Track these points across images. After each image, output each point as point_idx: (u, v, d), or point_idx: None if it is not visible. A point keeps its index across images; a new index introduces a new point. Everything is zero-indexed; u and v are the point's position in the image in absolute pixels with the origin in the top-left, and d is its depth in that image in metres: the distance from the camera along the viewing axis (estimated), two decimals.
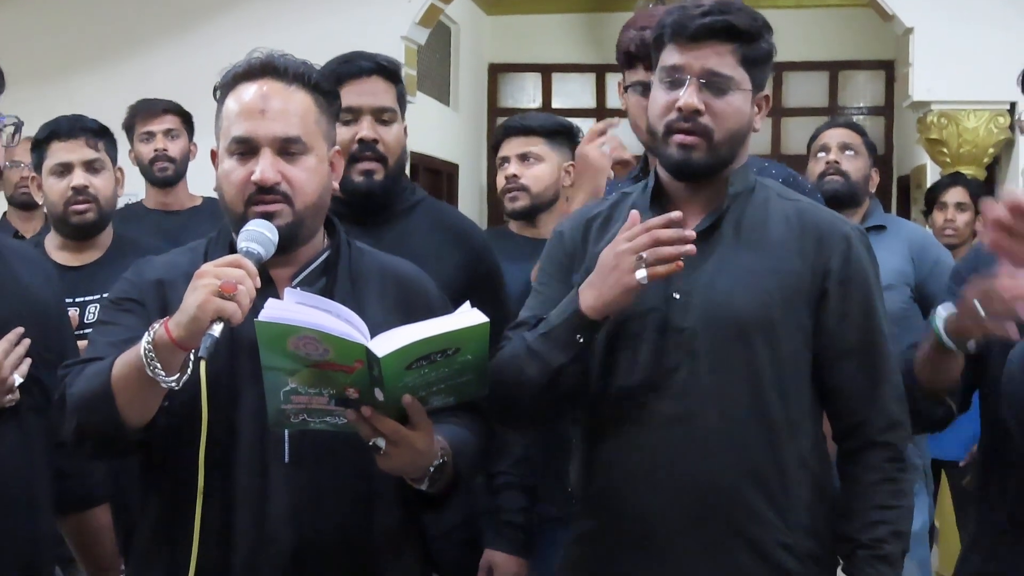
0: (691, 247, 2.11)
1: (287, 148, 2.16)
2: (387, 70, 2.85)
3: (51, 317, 2.40)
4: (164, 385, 1.99)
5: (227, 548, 2.09)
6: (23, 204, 5.19)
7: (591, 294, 2.16)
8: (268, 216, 2.13)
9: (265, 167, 2.13)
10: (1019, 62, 6.25)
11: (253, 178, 2.13)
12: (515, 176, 3.60)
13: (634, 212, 2.19)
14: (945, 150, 6.63)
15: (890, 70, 9.63)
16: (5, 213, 5.35)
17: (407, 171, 3.09)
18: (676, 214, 2.14)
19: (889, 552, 2.19)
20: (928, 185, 6.93)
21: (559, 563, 2.46)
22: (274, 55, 2.22)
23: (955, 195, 5.26)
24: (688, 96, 2.21)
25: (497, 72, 10.71)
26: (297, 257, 2.23)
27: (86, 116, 3.50)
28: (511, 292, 3.00)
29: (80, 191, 3.30)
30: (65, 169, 3.32)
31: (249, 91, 2.18)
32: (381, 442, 2.00)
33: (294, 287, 2.18)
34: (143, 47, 7.06)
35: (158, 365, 1.98)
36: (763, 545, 2.20)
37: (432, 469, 2.10)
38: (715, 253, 2.24)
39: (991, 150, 6.58)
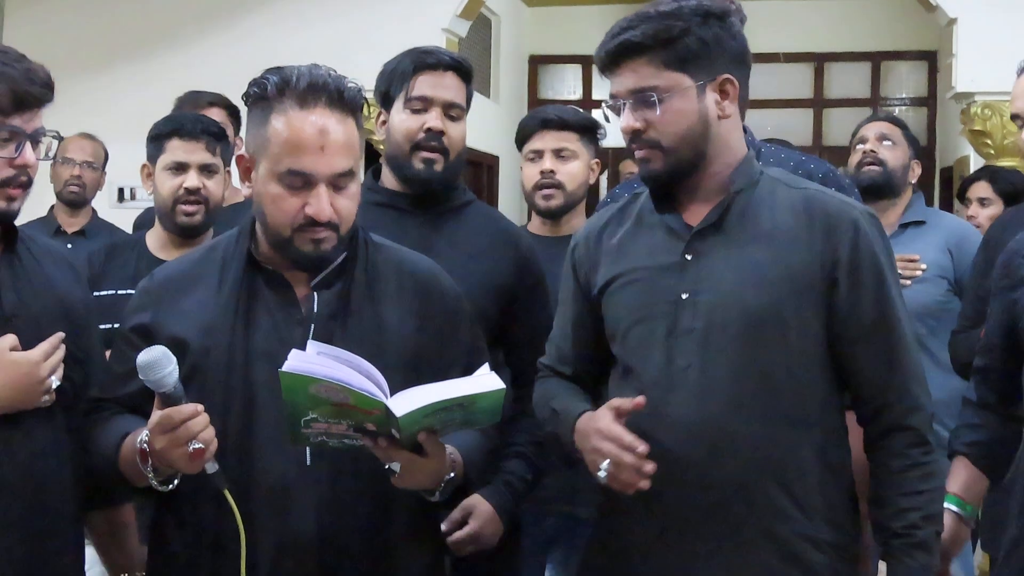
0: (645, 483, 2.17)
1: (339, 181, 2.18)
2: (463, 68, 2.90)
3: (79, 316, 2.43)
4: (160, 489, 2.15)
5: (251, 549, 2.12)
6: (71, 202, 5.25)
7: (576, 438, 2.30)
8: (317, 242, 2.17)
9: (323, 206, 2.16)
10: None
11: (309, 212, 2.16)
12: (551, 171, 3.56)
13: (616, 403, 2.22)
14: (989, 141, 6.58)
15: (933, 61, 9.56)
16: (52, 207, 5.41)
17: None
18: (640, 447, 2.17)
19: (923, 538, 2.20)
20: None
21: (580, 561, 2.50)
22: (328, 77, 2.19)
23: (978, 190, 5.20)
24: (624, 120, 2.27)
25: (538, 64, 10.71)
26: None
27: (208, 118, 3.55)
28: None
29: (193, 192, 3.34)
30: (181, 168, 3.35)
31: (305, 122, 2.16)
32: (396, 466, 2.08)
33: (312, 289, 2.24)
34: (183, 41, 7.11)
35: (151, 473, 2.12)
36: (785, 539, 2.20)
37: (443, 484, 2.18)
38: (721, 250, 2.25)
39: None
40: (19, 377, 2.22)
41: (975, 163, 6.93)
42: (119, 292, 3.29)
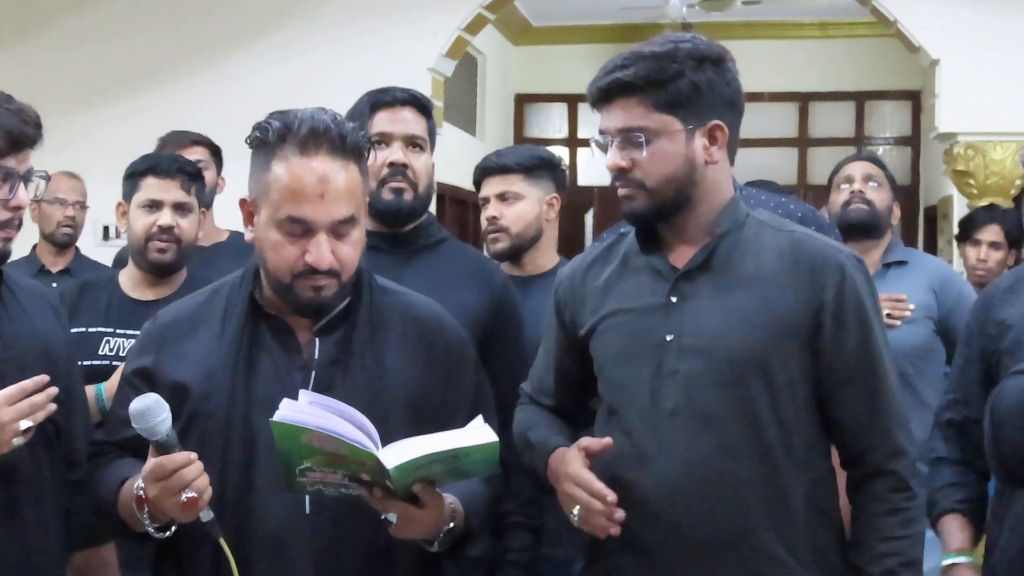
0: (615, 529, 2.18)
1: (339, 228, 2.16)
2: (419, 102, 2.90)
3: (60, 357, 2.43)
4: (156, 536, 2.13)
5: None
6: (64, 243, 5.24)
7: (548, 474, 2.32)
8: (317, 289, 2.16)
9: (323, 254, 2.13)
10: None
11: (308, 259, 2.14)
12: (495, 217, 3.54)
13: (584, 443, 2.23)
14: (972, 181, 6.61)
15: (917, 100, 9.63)
16: (35, 246, 5.39)
17: (433, 204, 3.11)
18: (609, 496, 2.17)
19: None
20: (955, 216, 6.92)
21: None
22: (331, 123, 2.16)
23: (990, 233, 5.21)
24: (610, 158, 2.27)
25: (523, 102, 10.76)
26: None
27: (185, 158, 3.57)
28: None
29: (165, 230, 3.34)
30: (155, 206, 3.35)
31: (306, 169, 2.13)
32: (393, 517, 2.06)
33: (314, 335, 2.23)
34: (170, 79, 7.11)
35: (147, 520, 2.10)
36: None
37: (441, 534, 2.15)
38: (706, 292, 2.24)
39: (1018, 181, 6.55)
40: None
41: (959, 202, 6.96)
42: (89, 330, 3.31)
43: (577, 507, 2.18)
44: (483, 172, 3.63)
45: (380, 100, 2.86)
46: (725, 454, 2.18)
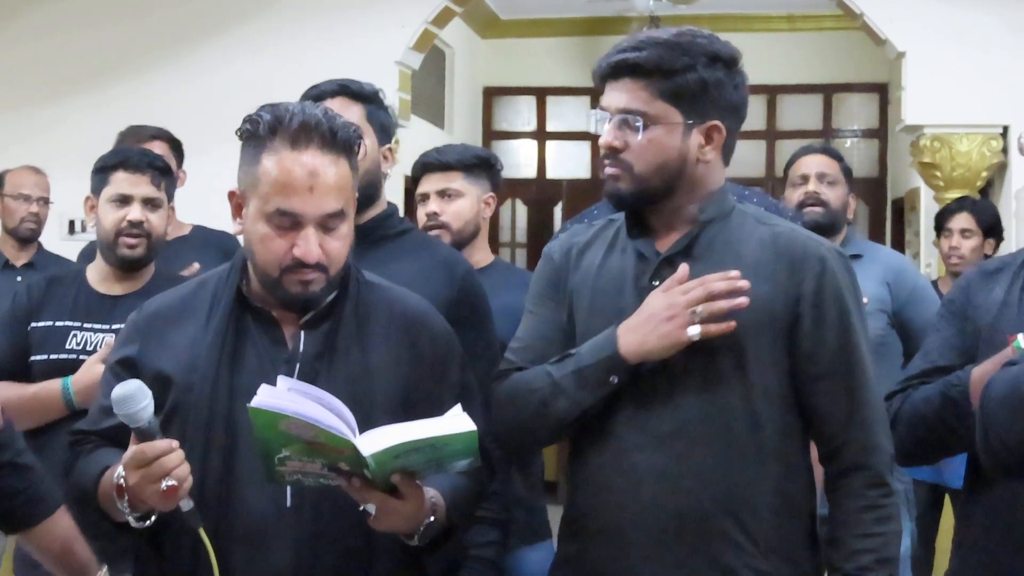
0: (744, 300, 2.13)
1: (328, 222, 2.16)
2: (349, 91, 2.90)
3: None
4: (136, 526, 2.12)
5: None
6: (28, 238, 5.25)
7: (633, 339, 2.19)
8: (305, 283, 2.16)
9: (311, 247, 2.14)
10: (1011, 86, 6.32)
11: (296, 253, 2.14)
12: (435, 213, 3.54)
13: (684, 266, 2.20)
14: (938, 173, 6.63)
15: (884, 93, 9.66)
16: None
17: (401, 196, 3.08)
18: (734, 273, 2.15)
19: None
20: (922, 208, 6.95)
21: None
22: (322, 117, 2.17)
23: (960, 221, 5.25)
24: (605, 136, 2.26)
25: (492, 95, 10.73)
26: None
27: (154, 152, 3.55)
28: None
29: (135, 225, 3.33)
30: (124, 200, 3.34)
31: (295, 163, 2.13)
32: (371, 508, 2.05)
33: (300, 328, 2.22)
34: (135, 72, 7.06)
35: (127, 509, 2.09)
36: (735, 571, 2.19)
37: (422, 528, 2.14)
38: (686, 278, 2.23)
39: (984, 173, 6.58)
40: None
41: (925, 194, 6.99)
42: (56, 324, 3.29)
43: (695, 317, 2.16)
44: (424, 168, 3.62)
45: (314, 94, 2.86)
46: (692, 440, 2.19)
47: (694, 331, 2.15)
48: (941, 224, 5.42)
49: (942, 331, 2.55)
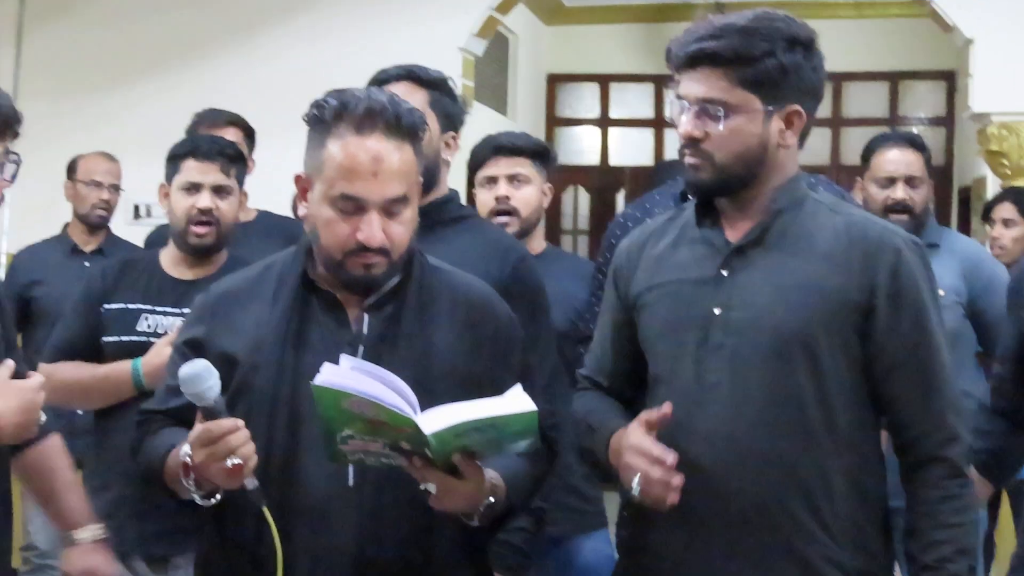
0: (674, 498, 2.16)
1: (391, 207, 2.19)
2: (416, 76, 2.91)
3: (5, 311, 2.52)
4: (202, 503, 2.15)
5: (289, 567, 2.12)
6: (98, 224, 5.31)
7: (610, 455, 2.30)
8: (368, 267, 2.19)
9: (375, 231, 2.17)
10: None
11: (360, 237, 2.17)
12: (506, 197, 3.52)
13: (644, 416, 2.23)
14: (1005, 162, 6.55)
15: (951, 80, 9.55)
16: (66, 225, 5.44)
17: (461, 181, 3.08)
18: (669, 458, 2.17)
19: (954, 572, 2.17)
20: (988, 197, 6.87)
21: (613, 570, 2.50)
22: (388, 102, 2.20)
23: (1003, 211, 5.18)
24: (684, 125, 2.24)
25: (555, 82, 10.72)
26: None
27: (224, 139, 3.59)
28: None
29: (205, 212, 3.37)
30: (194, 188, 3.38)
31: (360, 148, 2.16)
32: (432, 487, 2.07)
33: (363, 311, 2.25)
34: (201, 58, 7.14)
35: (193, 487, 2.13)
36: (810, 560, 2.19)
37: (482, 509, 2.16)
38: (758, 268, 2.24)
39: None
40: (27, 404, 2.26)
41: (992, 183, 6.90)
42: (128, 306, 3.35)
43: (637, 478, 2.18)
44: (495, 150, 3.59)
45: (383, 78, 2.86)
46: (766, 429, 2.18)
47: (635, 488, 2.19)
48: (986, 213, 5.35)
49: (1012, 324, 2.61)
